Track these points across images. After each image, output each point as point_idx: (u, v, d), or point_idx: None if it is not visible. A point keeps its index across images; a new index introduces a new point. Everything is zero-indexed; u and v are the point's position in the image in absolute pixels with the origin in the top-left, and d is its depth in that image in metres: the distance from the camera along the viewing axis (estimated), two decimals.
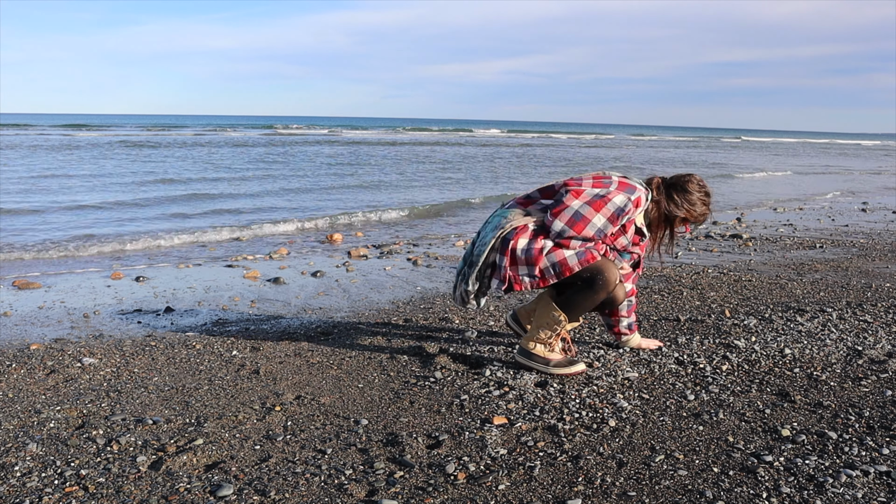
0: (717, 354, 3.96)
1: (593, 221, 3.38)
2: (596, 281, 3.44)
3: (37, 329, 4.63)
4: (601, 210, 3.38)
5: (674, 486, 2.49)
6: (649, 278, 6.24)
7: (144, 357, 3.98)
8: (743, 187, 18.40)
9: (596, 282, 3.44)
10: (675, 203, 3.65)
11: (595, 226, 3.38)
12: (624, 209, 3.41)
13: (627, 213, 3.43)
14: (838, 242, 8.74)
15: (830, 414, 3.13)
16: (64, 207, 11.22)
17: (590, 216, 3.37)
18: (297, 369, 3.77)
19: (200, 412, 3.17)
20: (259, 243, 8.62)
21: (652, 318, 4.82)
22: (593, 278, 3.44)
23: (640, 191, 3.50)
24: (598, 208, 3.38)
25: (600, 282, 3.44)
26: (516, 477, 2.55)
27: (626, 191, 3.44)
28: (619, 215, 3.41)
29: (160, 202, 12.30)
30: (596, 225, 3.38)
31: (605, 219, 3.39)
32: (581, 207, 3.38)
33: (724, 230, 9.89)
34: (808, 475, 2.55)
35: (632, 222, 3.59)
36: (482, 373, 3.64)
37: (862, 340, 4.25)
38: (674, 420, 3.06)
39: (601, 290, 3.45)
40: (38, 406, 3.23)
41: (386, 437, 2.89)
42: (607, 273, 3.44)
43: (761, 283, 6.07)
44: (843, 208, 13.21)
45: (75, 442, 2.84)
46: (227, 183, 15.95)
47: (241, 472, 2.58)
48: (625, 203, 3.41)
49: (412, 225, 10.62)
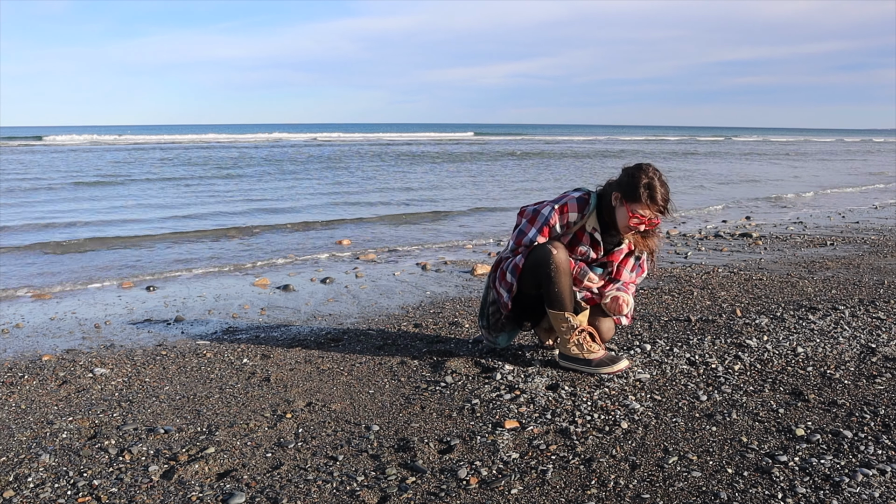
0: (729, 354, 3.93)
1: (528, 234, 3.68)
2: (537, 260, 3.58)
3: (49, 340, 4.65)
4: (534, 223, 3.68)
5: (688, 487, 2.47)
6: (659, 279, 6.21)
7: (155, 366, 3.99)
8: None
9: (538, 261, 3.57)
10: (610, 185, 3.63)
11: (528, 237, 3.67)
12: (549, 218, 3.64)
13: (552, 221, 3.63)
14: (849, 239, 8.68)
15: (845, 412, 3.10)
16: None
17: (526, 230, 3.70)
18: (308, 376, 3.77)
19: (212, 420, 3.17)
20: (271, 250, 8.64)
21: (663, 318, 4.80)
22: (535, 261, 3.59)
23: (569, 197, 3.66)
24: (532, 222, 3.69)
25: (540, 258, 3.56)
26: (529, 481, 2.54)
27: (556, 201, 3.68)
28: (543, 224, 3.65)
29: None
30: (529, 236, 3.67)
31: (536, 230, 3.66)
32: (523, 225, 3.73)
33: (734, 229, 9.85)
34: (823, 475, 2.53)
35: (583, 229, 3.65)
36: (493, 377, 3.63)
37: (875, 338, 4.21)
38: (686, 421, 3.04)
39: (545, 264, 3.55)
40: (51, 417, 3.24)
41: (397, 443, 2.89)
42: (538, 251, 3.58)
43: (772, 282, 6.03)
44: (853, 205, 13.12)
45: (87, 452, 2.84)
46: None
47: (252, 480, 2.58)
48: (549, 212, 3.64)
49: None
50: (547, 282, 3.58)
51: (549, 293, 3.61)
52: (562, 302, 3.61)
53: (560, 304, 3.62)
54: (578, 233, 3.68)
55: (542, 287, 3.62)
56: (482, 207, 13.09)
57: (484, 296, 3.95)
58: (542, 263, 3.56)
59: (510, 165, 26.37)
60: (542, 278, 3.59)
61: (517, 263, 3.66)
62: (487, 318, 3.92)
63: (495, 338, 3.97)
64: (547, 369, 3.73)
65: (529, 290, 3.68)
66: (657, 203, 3.49)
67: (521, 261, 3.65)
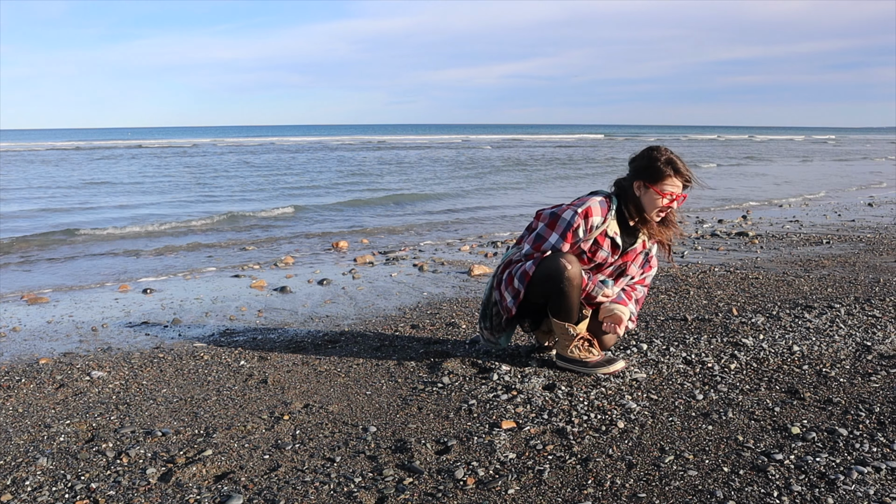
0: (725, 353, 3.95)
1: (549, 239, 3.59)
2: (549, 273, 3.53)
3: (46, 343, 4.65)
4: (555, 227, 3.59)
5: (684, 486, 2.47)
6: (655, 278, 6.22)
7: (153, 369, 3.99)
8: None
9: (550, 274, 3.52)
10: (628, 177, 3.59)
11: (549, 242, 3.59)
12: (572, 223, 3.54)
13: (575, 226, 3.53)
14: (845, 238, 8.70)
15: (840, 410, 3.12)
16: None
17: (546, 235, 3.61)
18: (305, 378, 3.78)
19: (209, 423, 3.17)
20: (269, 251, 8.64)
21: (659, 317, 4.81)
22: (547, 273, 3.53)
23: (592, 201, 3.56)
24: (553, 226, 3.60)
25: (552, 271, 3.52)
26: (526, 481, 2.55)
27: (576, 205, 3.58)
28: (567, 229, 3.55)
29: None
30: (550, 241, 3.59)
31: (558, 235, 3.58)
32: (541, 229, 3.64)
33: (730, 228, 9.87)
34: (819, 473, 2.54)
35: (604, 233, 3.59)
36: (490, 377, 3.63)
37: (871, 336, 4.23)
38: (683, 420, 3.05)
39: (557, 279, 3.51)
40: (48, 420, 3.24)
41: (395, 444, 2.89)
42: (552, 263, 3.53)
43: (768, 281, 6.05)
44: (849, 203, 13.15)
45: (85, 455, 2.84)
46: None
47: (250, 482, 2.59)
48: (571, 216, 3.55)
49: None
50: (557, 296, 3.55)
51: (556, 305, 3.59)
52: (568, 314, 3.61)
53: (566, 316, 3.61)
54: (599, 237, 3.60)
55: (549, 298, 3.59)
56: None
57: (486, 297, 3.88)
58: (555, 278, 3.51)
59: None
60: (551, 291, 3.54)
61: (527, 271, 3.59)
62: (491, 318, 3.85)
63: (497, 338, 3.91)
64: (544, 369, 3.73)
65: (536, 299, 3.64)
66: (682, 174, 3.50)
67: (531, 269, 3.58)
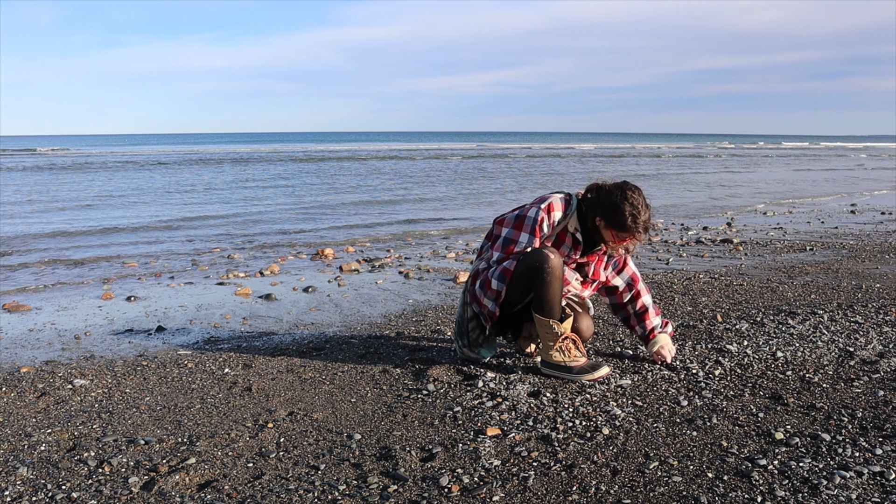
0: (710, 359, 3.96)
1: (519, 240, 3.67)
2: (533, 265, 3.56)
3: (27, 352, 4.60)
4: (522, 228, 3.67)
5: (668, 492, 2.48)
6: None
7: (136, 377, 3.95)
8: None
9: (534, 265, 3.56)
10: (593, 205, 3.63)
11: (521, 243, 3.66)
12: (537, 219, 3.65)
13: (541, 221, 3.64)
14: (828, 244, 8.78)
15: (823, 416, 3.14)
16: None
17: (515, 237, 3.68)
18: (290, 385, 3.76)
19: (193, 431, 3.15)
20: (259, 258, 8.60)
21: None
22: (530, 265, 3.57)
23: (553, 197, 3.68)
24: (520, 227, 3.68)
25: (536, 261, 3.55)
26: (511, 488, 2.54)
27: (538, 203, 3.70)
28: (534, 226, 3.65)
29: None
30: (521, 242, 3.66)
31: (528, 234, 3.66)
32: (507, 233, 3.71)
33: (715, 235, 9.93)
34: (802, 478, 2.55)
35: (565, 230, 3.68)
36: (475, 384, 3.63)
37: (853, 342, 4.26)
38: (667, 426, 3.06)
39: (540, 268, 3.55)
40: (29, 429, 3.20)
41: (379, 451, 2.88)
42: (533, 255, 3.57)
43: (752, 287, 6.09)
44: (831, 210, 13.27)
45: (66, 464, 2.81)
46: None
47: (234, 491, 2.56)
48: (536, 213, 3.66)
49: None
50: (540, 286, 3.57)
51: (540, 298, 3.60)
52: (551, 308, 3.62)
53: (549, 311, 3.62)
54: (561, 234, 3.70)
55: (532, 292, 3.61)
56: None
57: (460, 314, 3.90)
58: (538, 267, 3.54)
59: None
60: (535, 283, 3.57)
61: (507, 268, 3.62)
62: (467, 335, 3.88)
63: (478, 352, 3.93)
64: (529, 376, 3.74)
65: (518, 297, 3.66)
66: (640, 230, 3.59)
67: (511, 265, 3.61)
